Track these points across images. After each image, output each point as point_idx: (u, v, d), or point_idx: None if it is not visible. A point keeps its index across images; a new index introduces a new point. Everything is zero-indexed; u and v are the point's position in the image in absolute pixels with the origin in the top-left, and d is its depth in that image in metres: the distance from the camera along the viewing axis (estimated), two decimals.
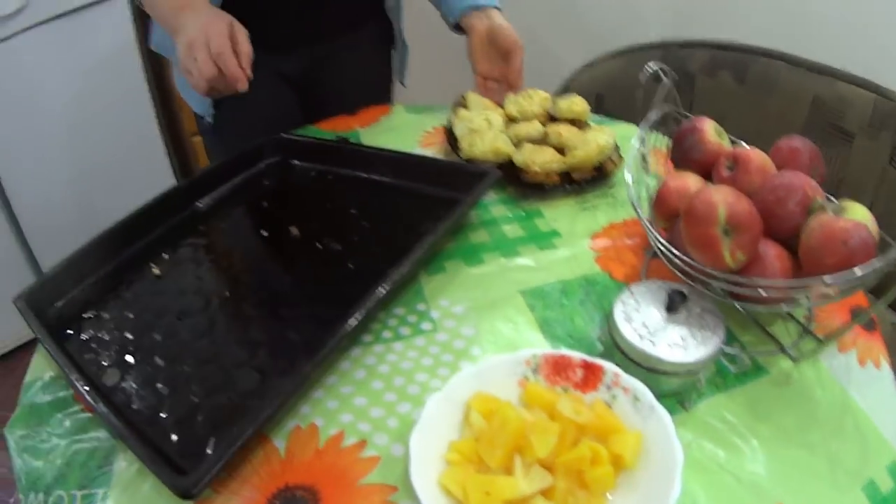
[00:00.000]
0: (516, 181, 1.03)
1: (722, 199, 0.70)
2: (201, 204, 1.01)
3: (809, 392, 0.76)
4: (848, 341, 0.81)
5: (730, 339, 0.79)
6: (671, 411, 0.66)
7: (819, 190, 0.74)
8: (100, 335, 0.81)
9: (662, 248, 0.76)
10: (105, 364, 0.77)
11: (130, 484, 0.66)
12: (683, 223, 0.74)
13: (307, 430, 0.72)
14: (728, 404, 0.74)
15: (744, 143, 0.87)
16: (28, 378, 0.79)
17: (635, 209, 0.81)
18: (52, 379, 0.78)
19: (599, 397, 0.68)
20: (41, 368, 0.80)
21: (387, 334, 0.82)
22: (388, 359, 0.79)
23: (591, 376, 0.69)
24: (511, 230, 0.97)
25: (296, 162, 1.11)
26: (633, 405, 0.66)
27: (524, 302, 0.86)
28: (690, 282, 0.75)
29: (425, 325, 0.83)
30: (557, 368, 0.70)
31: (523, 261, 0.92)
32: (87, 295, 0.85)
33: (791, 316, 0.83)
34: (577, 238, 0.95)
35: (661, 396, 0.66)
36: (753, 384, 0.76)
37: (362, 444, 0.70)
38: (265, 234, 0.98)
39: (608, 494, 0.62)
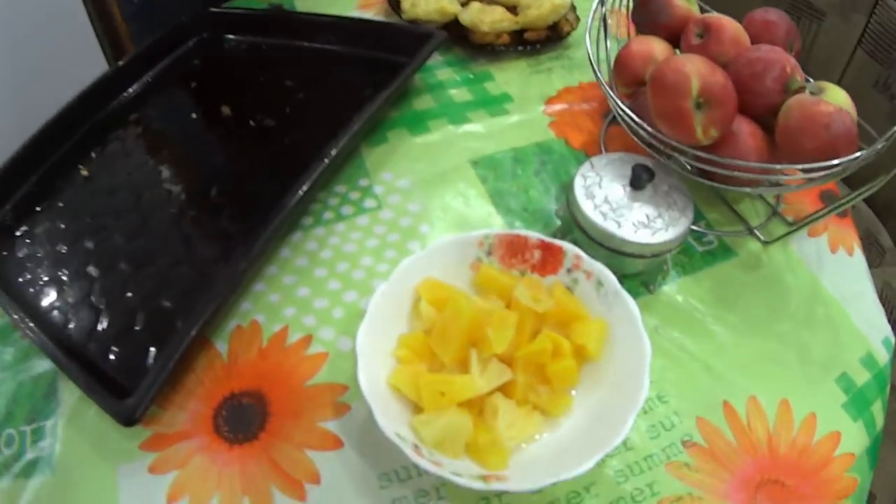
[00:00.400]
0: (464, 42, 0.88)
1: (695, 69, 0.58)
2: (129, 93, 0.84)
3: (779, 277, 0.67)
4: (819, 226, 0.72)
5: (696, 216, 0.69)
6: (635, 294, 0.57)
7: (798, 68, 0.63)
8: (33, 252, 0.68)
9: (625, 117, 0.64)
10: (40, 283, 0.65)
11: (77, 411, 0.56)
12: (651, 93, 0.62)
13: (249, 328, 0.62)
14: (694, 288, 0.65)
15: (713, 12, 0.73)
16: None
17: (595, 72, 0.68)
18: None
19: (560, 281, 0.58)
20: None
21: (328, 215, 0.70)
22: (331, 242, 0.68)
23: (550, 258, 0.58)
24: (459, 94, 0.83)
25: (228, 36, 0.93)
26: (595, 290, 0.56)
27: (475, 173, 0.74)
28: (656, 155, 0.64)
29: (368, 203, 0.71)
30: (513, 249, 0.59)
31: (473, 127, 0.79)
32: (16, 212, 0.71)
33: (761, 196, 0.73)
34: (530, 102, 0.82)
35: (623, 278, 0.56)
36: (721, 266, 0.67)
37: (307, 339, 0.61)
38: (195, 116, 0.83)
39: (572, 391, 0.53)
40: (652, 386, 0.54)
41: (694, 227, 0.68)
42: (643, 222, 0.59)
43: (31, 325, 0.58)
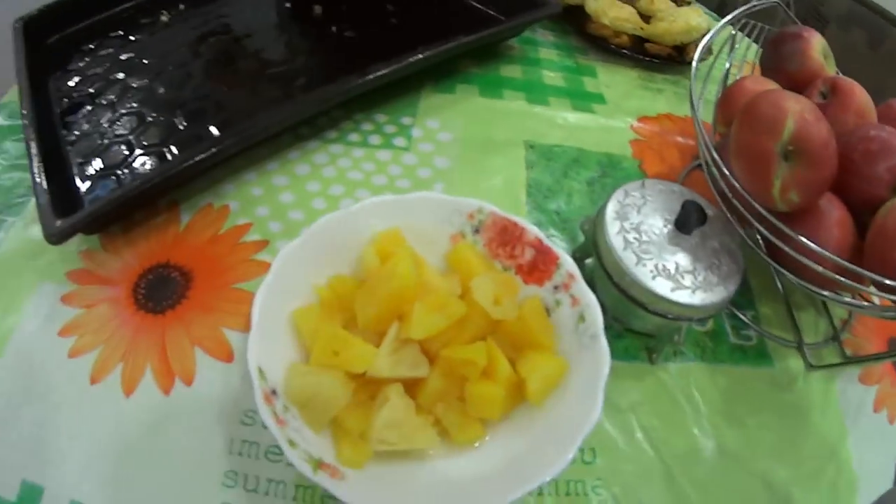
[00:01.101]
0: (581, 31, 0.71)
1: (796, 109, 0.40)
2: None
3: (806, 412, 0.47)
4: (875, 374, 0.51)
5: (742, 301, 0.51)
6: (633, 356, 0.40)
7: None
8: (88, 68, 0.59)
9: (705, 151, 0.47)
10: (78, 95, 0.56)
11: (34, 219, 0.47)
12: (737, 124, 0.44)
13: (218, 211, 0.50)
14: (705, 381, 0.46)
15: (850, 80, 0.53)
16: (5, 99, 0.60)
17: (691, 101, 0.50)
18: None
19: (540, 296, 0.41)
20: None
21: (353, 137, 0.56)
22: (341, 163, 0.54)
23: (540, 264, 0.42)
24: (551, 78, 0.67)
25: None
26: (575, 324, 0.39)
27: (524, 155, 0.57)
28: (724, 208, 0.45)
29: (399, 141, 0.56)
30: (504, 237, 0.43)
31: (547, 111, 0.62)
32: (90, 31, 0.62)
33: (826, 312, 0.53)
34: (621, 113, 0.64)
35: (627, 333, 0.39)
36: (748, 371, 0.47)
37: (262, 244, 0.48)
38: (288, 5, 0.71)
39: (485, 425, 0.38)
40: (590, 469, 0.38)
41: (738, 312, 0.49)
42: (669, 271, 0.41)
43: (37, 124, 0.49)
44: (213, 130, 0.54)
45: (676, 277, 0.41)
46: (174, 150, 0.52)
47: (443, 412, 0.37)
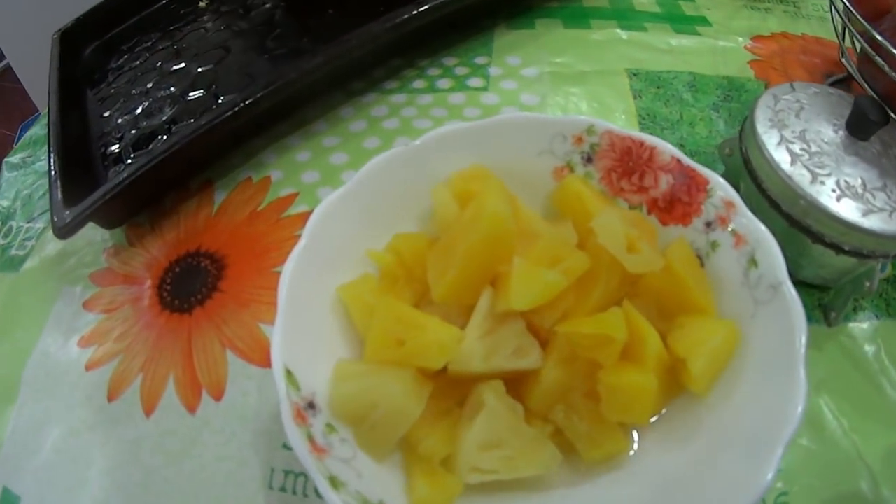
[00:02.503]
0: None
1: None
2: None
3: None
4: None
5: None
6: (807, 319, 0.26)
7: None
8: (123, 65, 0.51)
9: (869, 30, 0.32)
10: (113, 91, 0.49)
11: None
12: None
13: (257, 185, 0.40)
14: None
15: None
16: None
17: None
18: None
19: (688, 237, 0.28)
20: None
21: (418, 83, 0.44)
22: (404, 113, 0.42)
23: (682, 195, 0.28)
24: (642, 4, 0.52)
25: None
26: (743, 271, 0.25)
27: (629, 84, 0.44)
28: None
29: (474, 81, 0.44)
30: (629, 164, 0.29)
31: (647, 37, 0.48)
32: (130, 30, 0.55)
33: None
34: (732, 33, 0.49)
35: (796, 284, 0.25)
36: None
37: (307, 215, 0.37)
38: None
39: (633, 431, 0.25)
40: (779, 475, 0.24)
41: None
42: (855, 189, 0.28)
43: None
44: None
45: (866, 197, 0.28)
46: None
47: (565, 418, 0.24)
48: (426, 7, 0.41)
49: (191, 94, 0.45)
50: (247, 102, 0.37)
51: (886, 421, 0.29)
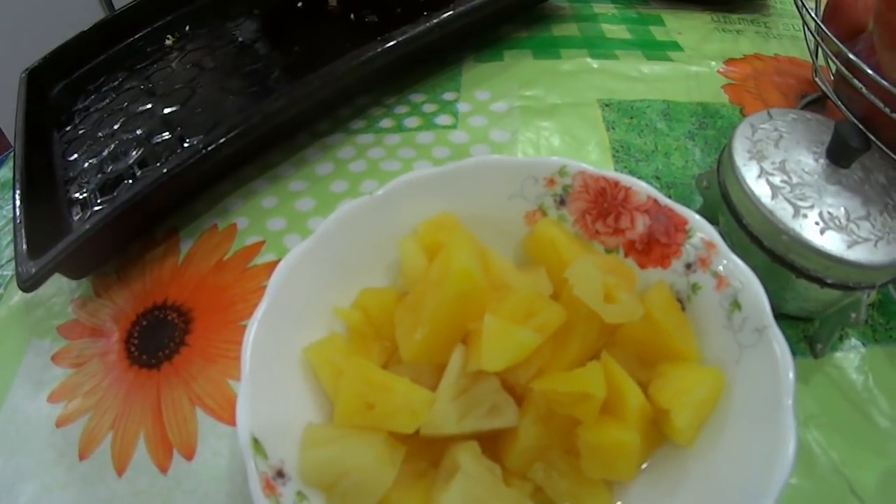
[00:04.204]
0: None
1: None
2: None
3: None
4: None
5: None
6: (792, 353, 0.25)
7: None
8: (89, 106, 0.50)
9: (845, 52, 0.31)
10: (79, 134, 0.47)
11: None
12: (882, 8, 0.29)
13: (223, 232, 0.38)
14: (885, 372, 0.31)
15: None
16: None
17: (801, 10, 0.35)
18: None
19: (667, 280, 0.27)
20: None
21: (385, 122, 0.43)
22: (371, 154, 0.41)
23: (660, 235, 0.27)
24: (613, 31, 0.52)
25: None
26: (726, 316, 0.25)
27: (601, 115, 0.43)
28: (876, 134, 0.30)
29: (442, 119, 0.43)
30: (603, 205, 0.28)
31: (618, 65, 0.48)
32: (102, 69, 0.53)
33: None
34: (703, 57, 0.49)
35: (780, 317, 0.24)
36: None
37: (274, 264, 0.36)
38: (300, 4, 0.58)
39: (609, 497, 0.23)
40: None
41: None
42: (839, 220, 0.27)
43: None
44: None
45: (850, 228, 0.28)
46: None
47: (545, 476, 0.23)
48: (392, 43, 0.40)
49: (157, 136, 0.44)
50: (209, 148, 0.36)
51: (877, 450, 0.28)
